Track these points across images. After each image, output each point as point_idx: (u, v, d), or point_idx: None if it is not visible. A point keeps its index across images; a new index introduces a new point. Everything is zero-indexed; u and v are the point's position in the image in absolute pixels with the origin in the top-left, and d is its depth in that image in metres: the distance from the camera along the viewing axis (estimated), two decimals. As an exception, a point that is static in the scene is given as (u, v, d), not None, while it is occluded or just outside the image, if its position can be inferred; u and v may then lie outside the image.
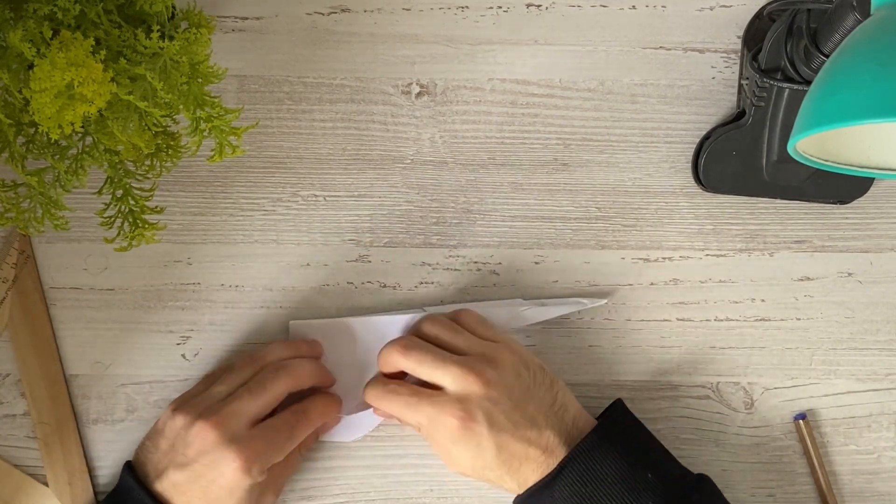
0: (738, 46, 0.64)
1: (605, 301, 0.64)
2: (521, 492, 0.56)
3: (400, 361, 0.57)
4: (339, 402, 0.61)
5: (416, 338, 0.58)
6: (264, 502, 0.58)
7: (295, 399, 0.59)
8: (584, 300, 0.63)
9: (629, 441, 0.56)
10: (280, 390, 0.58)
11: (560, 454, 0.55)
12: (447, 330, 0.58)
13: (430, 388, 0.56)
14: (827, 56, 0.54)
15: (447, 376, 0.55)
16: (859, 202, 0.64)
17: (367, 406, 0.60)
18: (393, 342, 0.58)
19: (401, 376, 0.59)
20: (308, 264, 0.64)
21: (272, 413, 0.58)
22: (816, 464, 0.62)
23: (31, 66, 0.47)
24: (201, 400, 0.58)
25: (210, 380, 0.60)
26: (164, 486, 0.56)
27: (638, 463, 0.55)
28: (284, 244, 0.64)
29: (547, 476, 0.54)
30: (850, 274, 0.64)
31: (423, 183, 0.65)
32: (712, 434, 0.64)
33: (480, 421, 0.54)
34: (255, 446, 0.56)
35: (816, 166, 0.51)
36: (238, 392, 0.57)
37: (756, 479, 0.63)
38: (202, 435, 0.55)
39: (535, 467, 0.55)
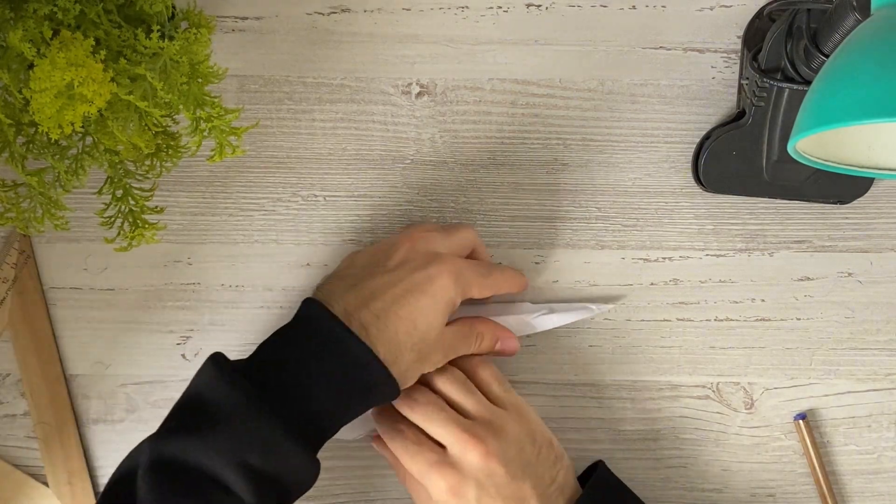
0: (738, 46, 0.64)
1: (612, 306, 0.64)
2: None
3: (406, 413, 0.57)
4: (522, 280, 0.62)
5: (427, 391, 0.57)
6: (432, 357, 0.56)
7: None
8: (592, 306, 0.63)
9: None
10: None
11: None
12: (460, 389, 0.57)
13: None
14: (827, 56, 0.54)
15: (450, 438, 0.55)
16: (859, 202, 0.64)
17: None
18: (405, 392, 0.56)
19: None
20: (308, 264, 0.64)
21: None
22: (816, 464, 0.62)
23: (31, 66, 0.47)
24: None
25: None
26: (352, 305, 0.53)
27: None
28: (284, 244, 0.64)
29: None
30: (850, 274, 0.64)
31: (423, 183, 0.65)
32: (712, 434, 0.64)
33: (470, 496, 0.54)
34: (460, 263, 0.56)
35: (816, 166, 0.51)
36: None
37: (756, 479, 0.63)
38: (406, 246, 0.56)
39: None
